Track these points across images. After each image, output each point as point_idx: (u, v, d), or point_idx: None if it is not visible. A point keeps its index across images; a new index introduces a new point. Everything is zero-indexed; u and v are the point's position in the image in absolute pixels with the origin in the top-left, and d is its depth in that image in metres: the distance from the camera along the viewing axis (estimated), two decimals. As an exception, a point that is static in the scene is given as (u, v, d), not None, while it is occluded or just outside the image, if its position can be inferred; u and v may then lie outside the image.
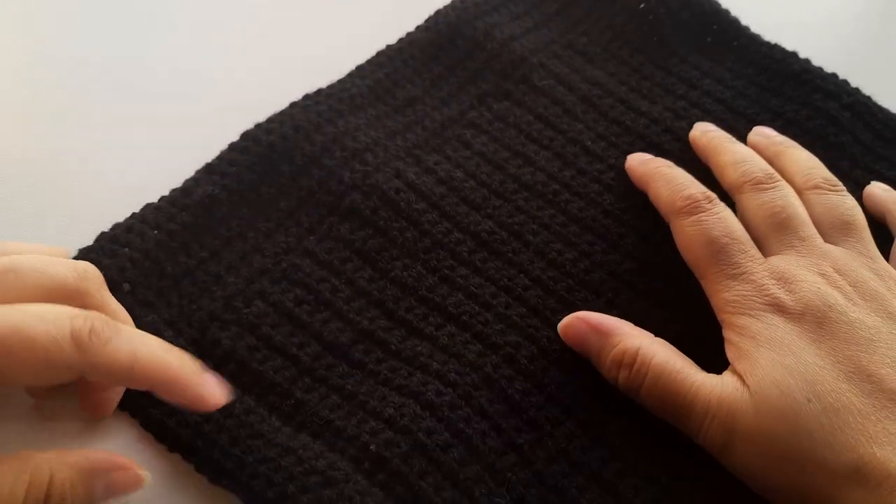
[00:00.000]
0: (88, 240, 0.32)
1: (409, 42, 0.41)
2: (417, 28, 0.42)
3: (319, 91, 0.38)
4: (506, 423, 0.29)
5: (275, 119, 0.37)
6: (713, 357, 0.29)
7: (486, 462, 0.28)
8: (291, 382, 0.30)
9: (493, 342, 0.31)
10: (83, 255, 0.31)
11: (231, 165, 0.35)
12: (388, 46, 0.41)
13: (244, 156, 0.35)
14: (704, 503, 0.29)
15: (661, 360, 0.29)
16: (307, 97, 0.38)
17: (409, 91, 0.40)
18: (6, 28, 0.43)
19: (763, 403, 0.27)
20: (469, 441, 0.28)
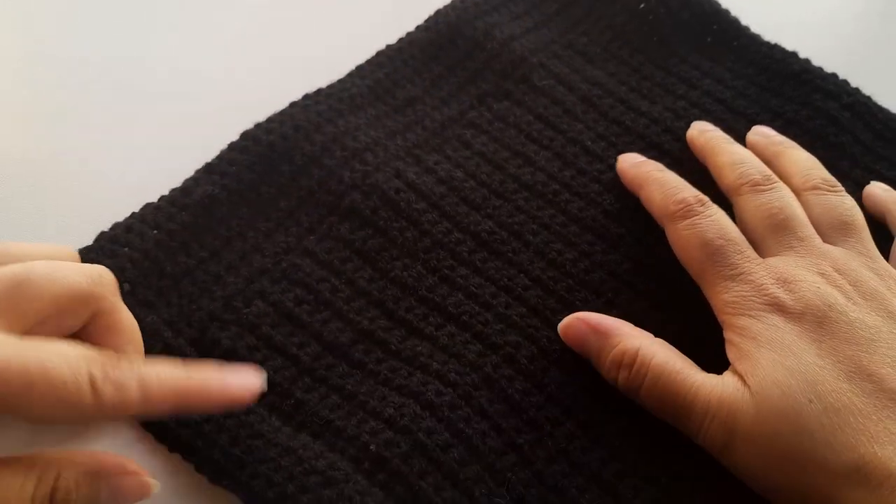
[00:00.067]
0: (88, 240, 0.32)
1: (409, 42, 0.41)
2: (417, 28, 0.42)
3: (319, 91, 0.38)
4: (506, 423, 0.29)
5: (275, 119, 0.37)
6: (713, 357, 0.29)
7: (486, 462, 0.28)
8: (291, 382, 0.30)
9: (493, 342, 0.31)
10: (83, 255, 0.31)
11: (231, 165, 0.35)
12: (388, 46, 0.41)
13: (244, 155, 0.35)
14: (704, 503, 0.29)
15: (661, 361, 0.29)
16: (307, 97, 0.38)
17: (409, 91, 0.40)
18: (6, 28, 0.43)
19: (764, 403, 0.27)
20: (469, 441, 0.28)
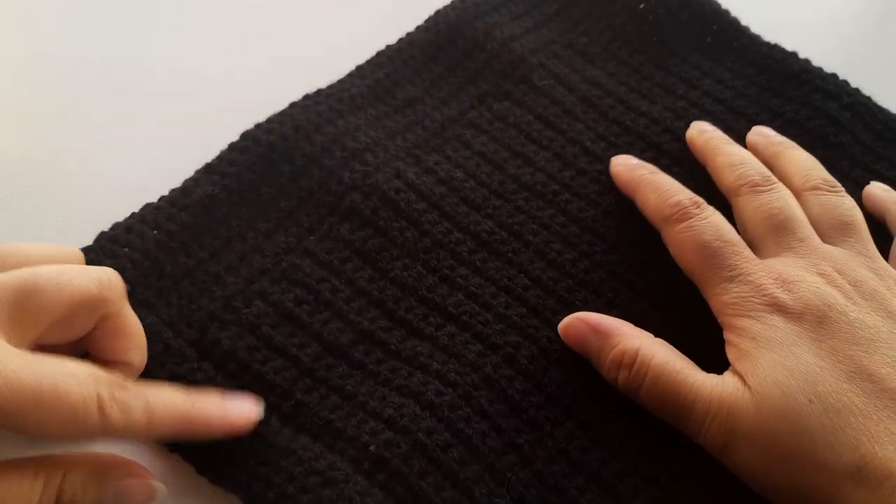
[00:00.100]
0: (88, 240, 0.32)
1: (409, 42, 0.41)
2: (417, 28, 0.42)
3: (319, 91, 0.38)
4: (506, 423, 0.29)
5: (274, 119, 0.37)
6: (713, 357, 0.29)
7: (486, 462, 0.28)
8: (292, 383, 0.30)
9: (493, 342, 0.31)
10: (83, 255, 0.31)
11: (231, 165, 0.35)
12: (388, 46, 0.41)
13: (244, 156, 0.35)
14: (704, 503, 0.29)
15: (661, 361, 0.29)
16: (307, 97, 0.38)
17: (409, 91, 0.40)
18: (6, 28, 0.43)
19: (764, 403, 0.27)
20: (469, 441, 0.28)
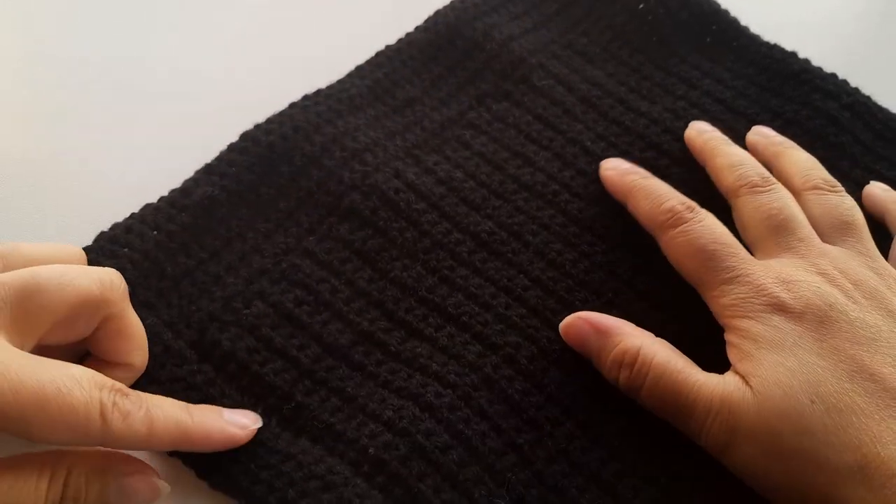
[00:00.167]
0: (88, 240, 0.32)
1: (409, 42, 0.41)
2: (417, 28, 0.42)
3: (319, 91, 0.38)
4: (505, 424, 0.29)
5: (274, 120, 0.37)
6: (713, 358, 0.29)
7: (486, 463, 0.28)
8: (292, 385, 0.30)
9: (493, 343, 0.31)
10: (83, 256, 0.31)
11: (230, 166, 0.35)
12: (388, 47, 0.41)
13: (243, 156, 0.35)
14: (704, 503, 0.29)
15: (662, 360, 0.29)
16: (306, 98, 0.38)
17: (409, 91, 0.40)
18: (6, 28, 0.43)
19: (766, 404, 0.27)
20: (468, 442, 0.28)
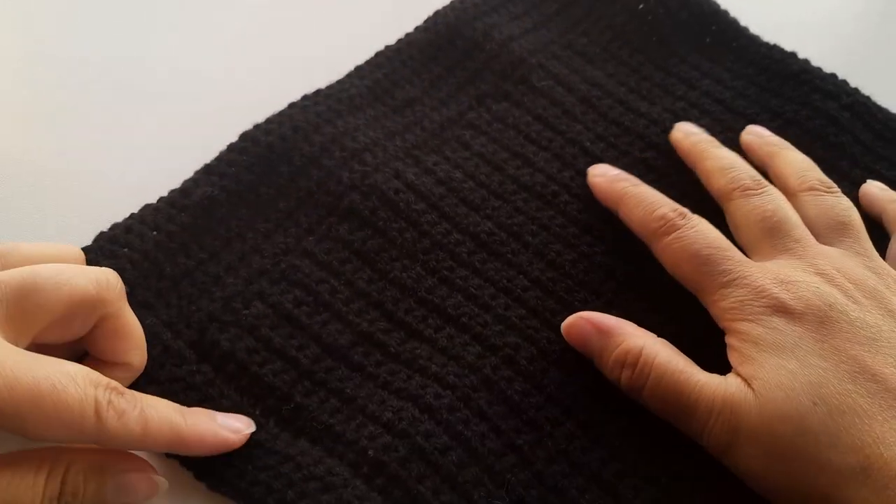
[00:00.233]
0: (88, 240, 0.32)
1: (408, 42, 0.41)
2: (416, 28, 0.42)
3: (318, 92, 0.38)
4: (505, 425, 0.29)
5: (273, 120, 0.37)
6: (713, 358, 0.29)
7: (486, 464, 0.28)
8: (291, 386, 0.30)
9: (493, 343, 0.31)
10: (83, 256, 0.31)
11: (230, 166, 0.35)
12: (387, 47, 0.41)
13: (243, 156, 0.35)
14: (704, 503, 0.29)
15: (664, 360, 0.29)
16: (306, 98, 0.38)
17: (408, 92, 0.40)
18: (6, 28, 0.43)
19: (768, 405, 0.27)
20: (468, 443, 0.28)
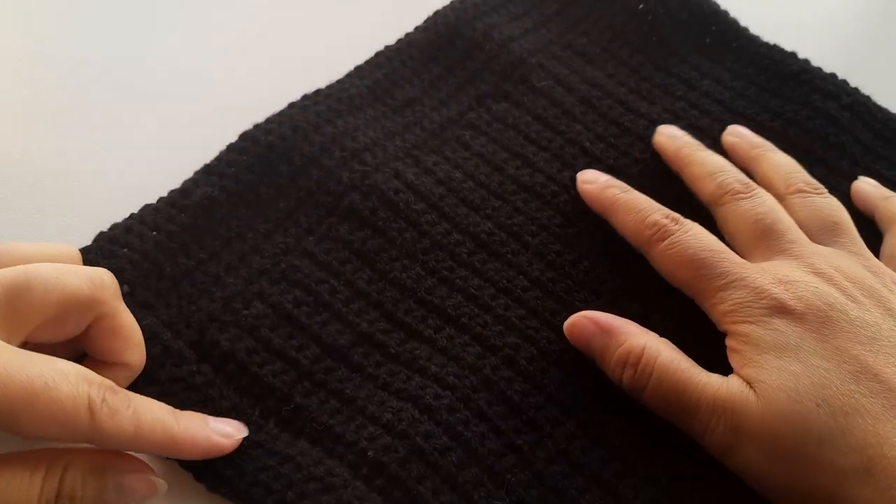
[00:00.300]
0: (88, 240, 0.32)
1: (408, 42, 0.41)
2: (416, 28, 0.42)
3: (318, 91, 0.38)
4: (505, 425, 0.29)
5: (273, 120, 0.36)
6: (714, 359, 0.29)
7: (485, 464, 0.28)
8: (291, 386, 0.30)
9: (493, 344, 0.31)
10: (82, 256, 0.31)
11: (230, 166, 0.35)
12: (387, 47, 0.41)
13: (243, 156, 0.35)
14: (704, 503, 0.29)
15: (667, 360, 0.29)
16: (306, 97, 0.38)
17: (408, 92, 0.40)
18: (6, 28, 0.43)
19: (771, 408, 0.27)
20: (468, 444, 0.28)
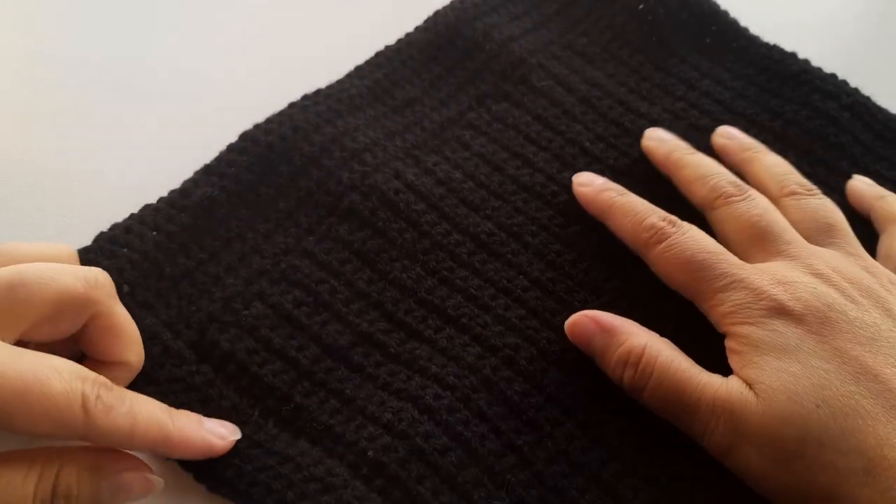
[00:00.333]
0: (88, 240, 0.32)
1: (408, 42, 0.41)
2: (416, 28, 0.42)
3: (318, 91, 0.38)
4: (505, 425, 0.29)
5: (273, 119, 0.36)
6: (714, 360, 0.29)
7: (485, 465, 0.28)
8: (291, 386, 0.30)
9: (493, 344, 0.31)
10: (82, 256, 0.31)
11: (230, 166, 0.35)
12: (387, 47, 0.41)
13: (243, 157, 0.35)
14: (704, 503, 0.29)
15: (667, 359, 0.29)
16: (306, 97, 0.38)
17: (408, 92, 0.40)
18: (6, 28, 0.43)
19: (771, 409, 0.26)
20: (468, 444, 0.28)
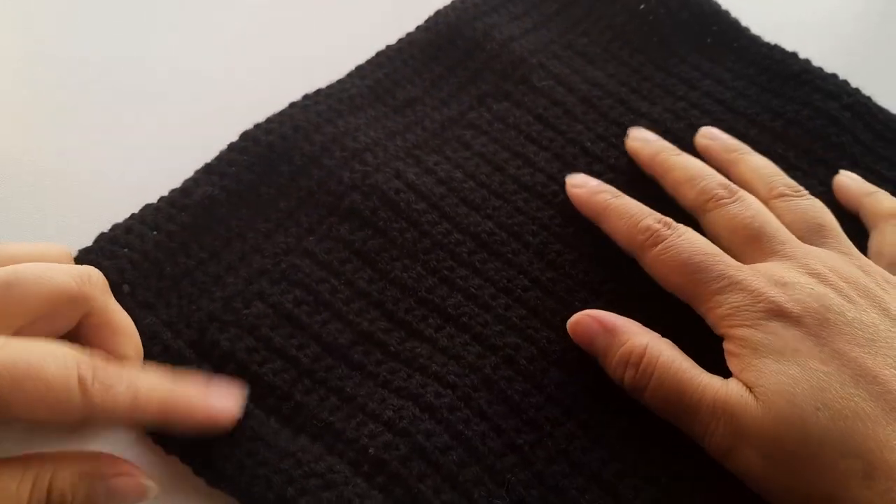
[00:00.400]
0: (88, 240, 0.32)
1: (409, 42, 0.41)
2: (417, 28, 0.42)
3: (319, 91, 0.38)
4: (505, 425, 0.29)
5: (274, 119, 0.37)
6: (714, 361, 0.29)
7: (486, 463, 0.28)
8: (291, 384, 0.30)
9: (493, 343, 0.31)
10: (82, 256, 0.31)
11: (230, 166, 0.35)
12: (388, 47, 0.41)
13: (243, 156, 0.35)
14: (704, 503, 0.29)
15: (668, 360, 0.29)
16: (306, 97, 0.38)
17: (409, 91, 0.40)
18: (6, 28, 0.43)
19: (770, 412, 0.26)
20: (468, 443, 0.28)
